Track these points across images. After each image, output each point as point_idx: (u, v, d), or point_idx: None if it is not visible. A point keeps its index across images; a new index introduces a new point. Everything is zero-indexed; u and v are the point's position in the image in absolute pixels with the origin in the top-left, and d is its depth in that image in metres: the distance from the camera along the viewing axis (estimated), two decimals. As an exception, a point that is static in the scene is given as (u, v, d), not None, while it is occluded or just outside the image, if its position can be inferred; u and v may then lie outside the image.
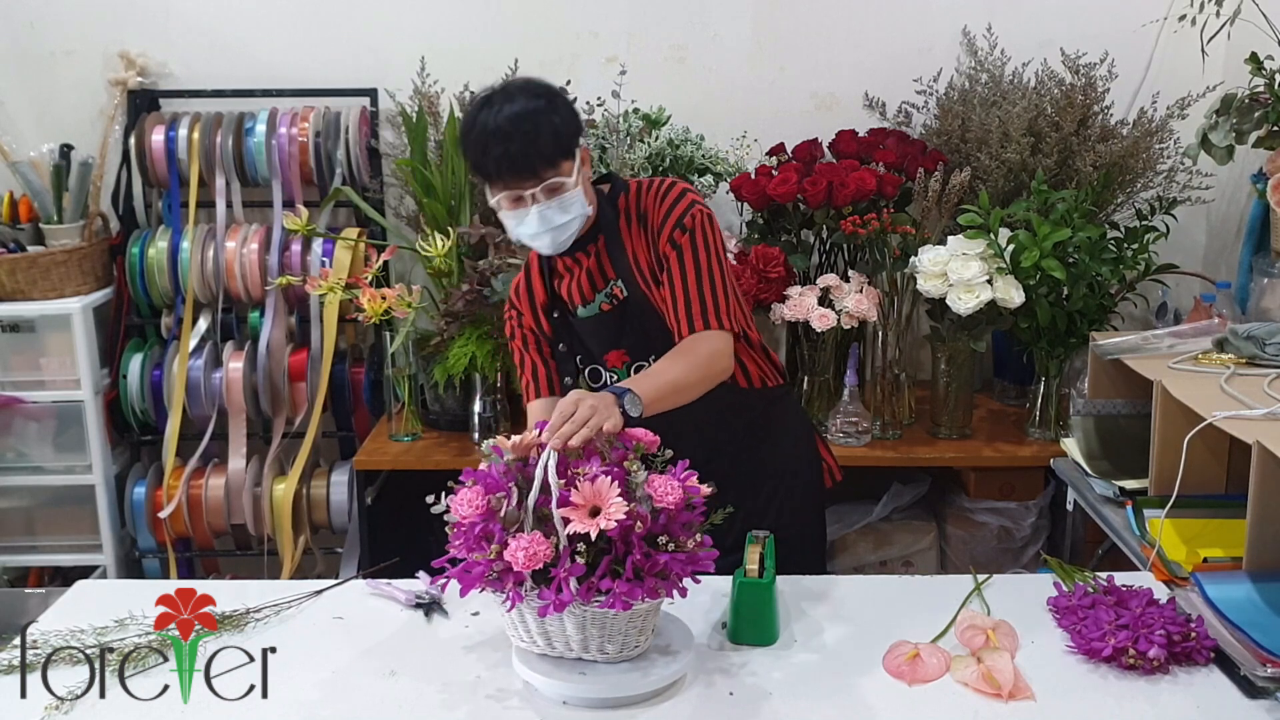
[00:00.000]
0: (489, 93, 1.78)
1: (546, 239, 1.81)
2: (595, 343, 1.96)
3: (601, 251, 1.90)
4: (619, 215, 1.89)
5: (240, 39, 3.06)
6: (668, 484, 1.45)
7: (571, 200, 1.79)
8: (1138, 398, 2.15)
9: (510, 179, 1.75)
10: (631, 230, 1.89)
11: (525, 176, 1.74)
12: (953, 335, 2.66)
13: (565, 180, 1.76)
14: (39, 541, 3.06)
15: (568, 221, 1.80)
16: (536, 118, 1.73)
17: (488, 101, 1.75)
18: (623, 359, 1.95)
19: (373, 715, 1.49)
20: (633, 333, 1.92)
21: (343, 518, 3.04)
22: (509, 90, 1.76)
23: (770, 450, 2.06)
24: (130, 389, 3.02)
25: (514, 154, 1.72)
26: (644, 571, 1.40)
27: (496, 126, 1.72)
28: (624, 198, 1.90)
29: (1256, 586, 1.65)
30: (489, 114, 1.73)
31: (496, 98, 1.75)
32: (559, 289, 1.96)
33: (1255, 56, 2.40)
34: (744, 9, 3.03)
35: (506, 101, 1.73)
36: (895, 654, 1.59)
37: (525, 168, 1.74)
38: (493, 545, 1.41)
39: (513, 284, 2.03)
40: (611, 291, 1.91)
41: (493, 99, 1.75)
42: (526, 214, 1.78)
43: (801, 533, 2.05)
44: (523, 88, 1.77)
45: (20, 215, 2.97)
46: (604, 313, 1.92)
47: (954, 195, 2.71)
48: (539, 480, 1.42)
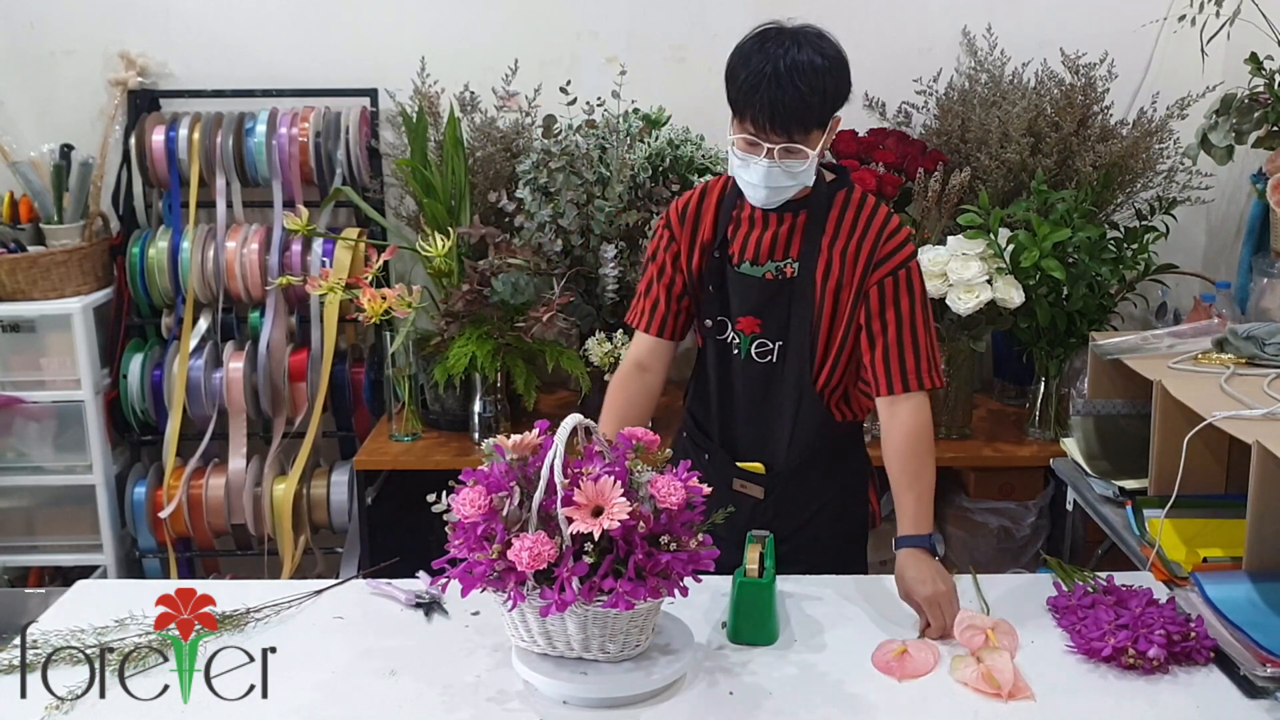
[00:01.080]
0: (777, 28, 1.72)
1: (763, 193, 1.77)
2: (739, 300, 1.90)
3: (799, 228, 1.84)
4: (832, 207, 1.84)
5: (240, 39, 3.06)
6: (670, 484, 1.45)
7: (803, 168, 1.74)
8: (1138, 398, 2.15)
9: (761, 127, 1.70)
10: (839, 232, 1.83)
11: (776, 130, 1.69)
12: (953, 335, 2.66)
13: (807, 149, 1.72)
14: (39, 541, 3.06)
15: (790, 186, 1.77)
16: (816, 79, 1.67)
17: (775, 36, 1.70)
18: (754, 328, 1.89)
19: (373, 715, 1.49)
20: (778, 312, 1.87)
21: (343, 518, 3.04)
22: (798, 36, 1.70)
23: (827, 481, 2.00)
24: (130, 389, 3.02)
25: (779, 107, 1.67)
26: (646, 571, 1.41)
27: (775, 71, 1.66)
28: (844, 195, 1.84)
29: (1256, 586, 1.65)
30: (772, 54, 1.67)
31: (785, 37, 1.69)
32: (732, 234, 1.89)
33: (1255, 56, 2.40)
34: (744, 9, 3.01)
35: (795, 47, 1.68)
36: (884, 650, 1.59)
37: (781, 124, 1.69)
38: (495, 545, 1.41)
39: (680, 202, 1.94)
40: (783, 268, 1.86)
41: (781, 37, 1.69)
42: (756, 162, 1.73)
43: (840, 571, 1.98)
44: (814, 41, 1.71)
45: (20, 215, 2.97)
46: (765, 280, 1.87)
47: (954, 195, 2.71)
48: (545, 479, 1.42)
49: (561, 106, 2.78)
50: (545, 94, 2.86)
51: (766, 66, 1.66)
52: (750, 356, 1.91)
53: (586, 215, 2.73)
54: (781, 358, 1.89)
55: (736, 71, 1.71)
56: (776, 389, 1.91)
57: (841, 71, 1.72)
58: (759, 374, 1.90)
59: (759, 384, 1.92)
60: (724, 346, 1.92)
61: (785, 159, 1.72)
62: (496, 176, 2.89)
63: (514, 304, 2.63)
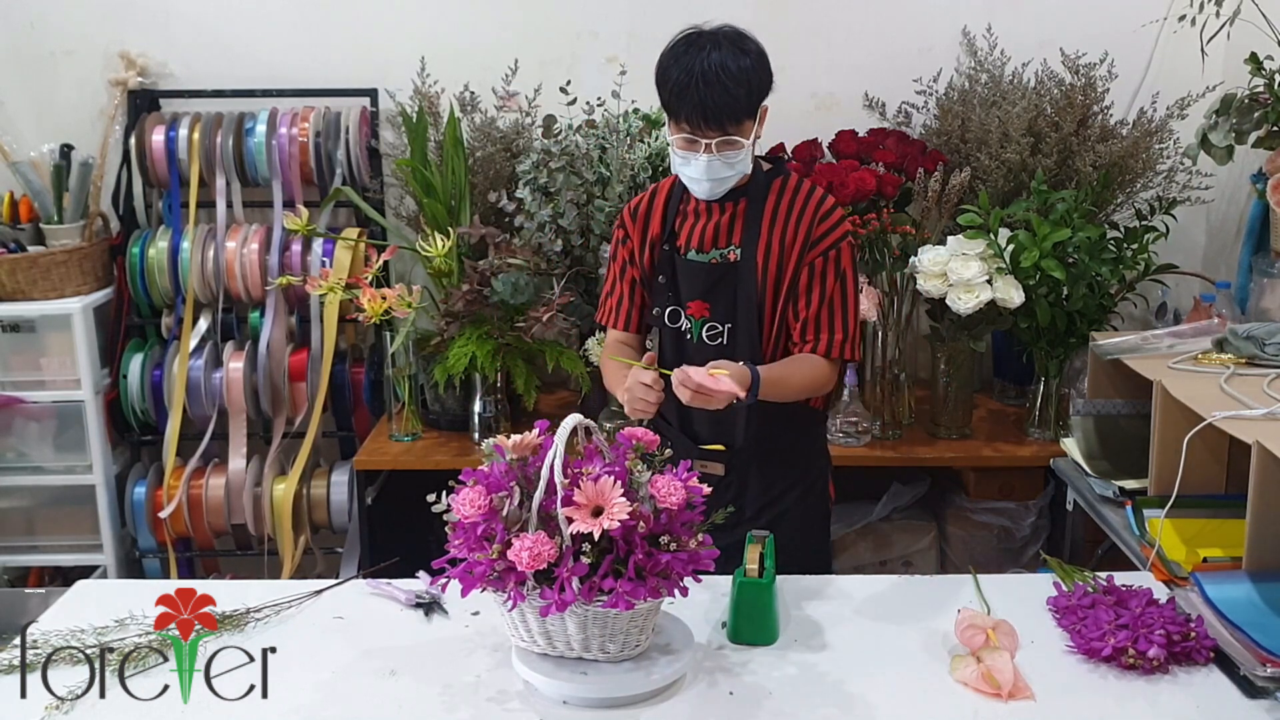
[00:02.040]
0: (696, 33, 1.84)
1: (706, 186, 1.89)
2: (688, 286, 2.02)
3: (739, 215, 1.96)
4: (770, 194, 1.96)
5: (240, 39, 3.06)
6: (670, 484, 1.45)
7: (740, 158, 1.87)
8: (1138, 398, 2.16)
9: (696, 125, 1.82)
10: (777, 215, 1.95)
11: (710, 127, 1.82)
12: (953, 335, 2.66)
13: (743, 139, 1.84)
14: (39, 541, 3.06)
15: (730, 176, 1.89)
16: (740, 75, 1.79)
17: (696, 40, 1.82)
18: (703, 311, 2.00)
19: (373, 715, 1.49)
20: (725, 294, 1.98)
21: (343, 518, 3.04)
22: (718, 37, 1.82)
23: (788, 467, 2.08)
24: (130, 389, 3.02)
25: (708, 104, 1.79)
26: (646, 571, 1.41)
27: (701, 72, 1.78)
28: (781, 182, 1.97)
29: (1256, 586, 1.65)
30: (695, 57, 1.79)
31: (705, 41, 1.81)
32: (679, 227, 2.02)
33: (1255, 56, 2.40)
34: (744, 9, 3.02)
35: (714, 48, 1.80)
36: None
37: (713, 120, 1.81)
38: (495, 545, 1.40)
39: (633, 203, 2.08)
40: (727, 254, 1.98)
41: (701, 41, 1.81)
42: (696, 159, 1.85)
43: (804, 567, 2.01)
44: (732, 39, 1.83)
45: (20, 215, 2.97)
46: (710, 265, 1.99)
47: (954, 195, 2.71)
48: (545, 480, 1.42)
49: (561, 106, 2.78)
50: (545, 94, 2.87)
51: (694, 68, 1.79)
52: (702, 339, 2.01)
53: (586, 215, 2.73)
54: (731, 339, 1.99)
55: (666, 77, 1.83)
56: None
57: (762, 64, 1.85)
58: (711, 356, 1.94)
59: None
60: (678, 334, 2.04)
61: (723, 151, 1.84)
62: (496, 176, 2.89)
63: (514, 304, 2.63)
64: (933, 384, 2.77)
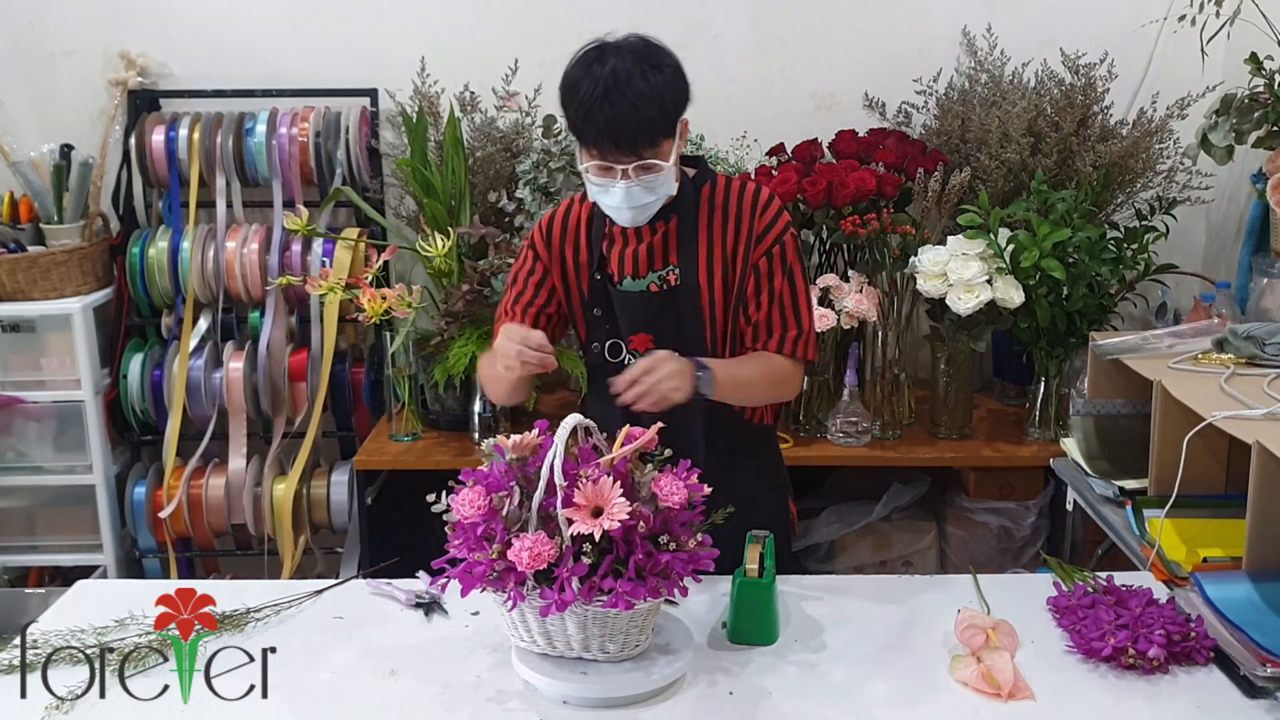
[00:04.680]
0: (600, 46, 1.67)
1: (628, 214, 1.75)
2: (627, 320, 1.87)
3: (671, 233, 1.81)
4: (700, 205, 1.81)
5: (240, 39, 3.06)
6: (673, 484, 1.46)
7: (662, 180, 1.71)
8: (1137, 398, 2.15)
9: (607, 151, 1.66)
10: (712, 225, 1.81)
11: (624, 151, 1.66)
12: (953, 335, 2.66)
13: (661, 162, 1.68)
14: (39, 541, 3.06)
15: (653, 201, 1.74)
16: (648, 91, 1.63)
17: (599, 57, 1.65)
18: (648, 344, 1.85)
19: (373, 715, 1.49)
20: (670, 322, 1.84)
21: (343, 518, 3.04)
22: (623, 50, 1.65)
23: (749, 486, 1.91)
24: (130, 389, 3.02)
25: (617, 127, 1.63)
26: (646, 571, 1.41)
27: (605, 92, 1.61)
28: (709, 188, 1.82)
29: (1256, 586, 1.65)
30: (598, 73, 1.62)
31: (609, 55, 1.65)
32: (607, 251, 1.85)
33: (1255, 56, 2.40)
34: (744, 9, 3.03)
35: (619, 61, 1.63)
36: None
37: (626, 143, 1.65)
38: (495, 545, 1.41)
39: (541, 222, 1.89)
40: (666, 276, 1.83)
41: (605, 55, 1.65)
42: (614, 185, 1.70)
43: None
44: (639, 51, 1.66)
45: (20, 215, 2.97)
46: (649, 293, 1.84)
47: (954, 195, 2.71)
48: (545, 480, 1.42)
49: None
50: (545, 94, 2.87)
51: (596, 89, 1.62)
52: None
53: (586, 215, 2.73)
54: None
55: (568, 100, 1.67)
56: (683, 405, 1.77)
57: (677, 77, 1.69)
58: None
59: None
60: (620, 370, 1.76)
61: (641, 176, 1.68)
62: (496, 176, 2.89)
63: (514, 304, 2.63)
64: (933, 384, 2.77)
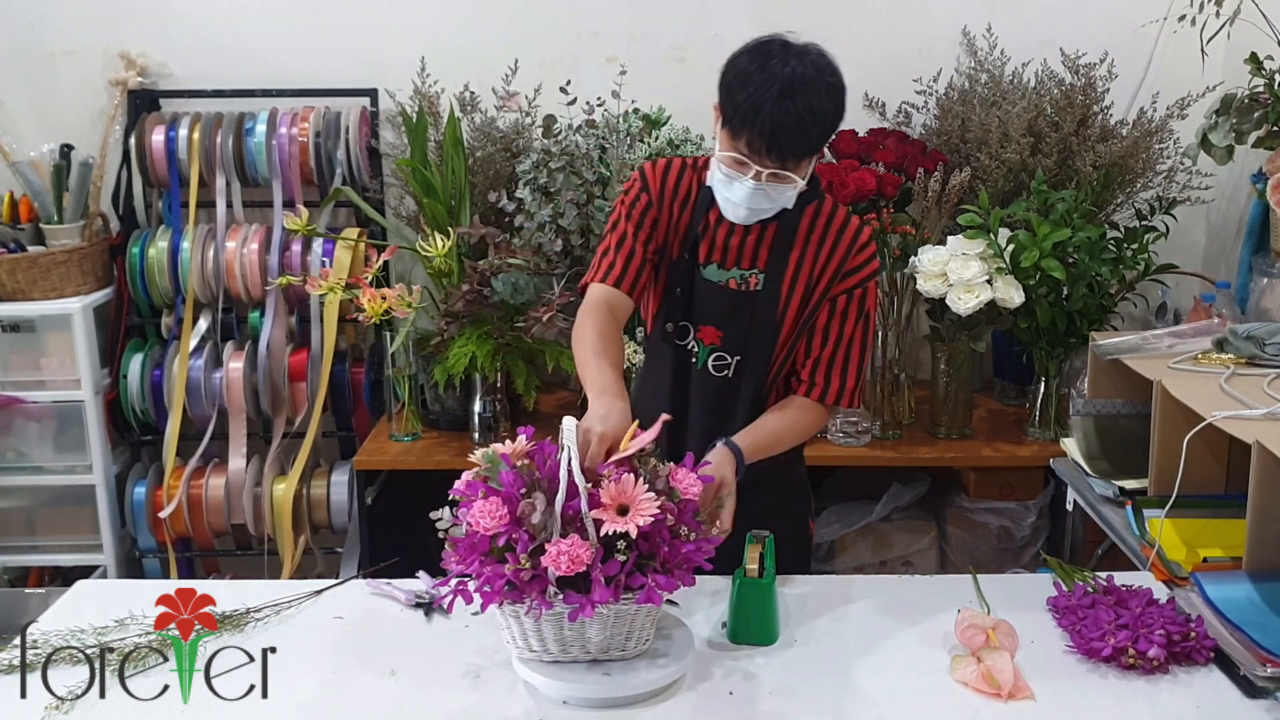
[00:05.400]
0: (781, 44, 1.63)
1: (743, 212, 1.73)
2: (703, 309, 1.84)
3: (767, 238, 1.79)
4: (803, 219, 1.79)
5: (240, 39, 3.06)
6: (688, 476, 1.48)
7: (788, 192, 1.70)
8: (1137, 398, 2.15)
9: (757, 150, 1.63)
10: (808, 243, 1.79)
11: (772, 157, 1.63)
12: (953, 335, 2.66)
13: (796, 178, 1.67)
14: (39, 541, 3.06)
15: (770, 209, 1.73)
16: (818, 106, 1.60)
17: (781, 55, 1.61)
18: (714, 339, 1.84)
19: (373, 715, 1.49)
20: (741, 323, 1.82)
21: (343, 518, 3.04)
22: (804, 60, 1.61)
23: (771, 500, 1.89)
24: (130, 389, 3.02)
25: (780, 134, 1.60)
26: (671, 564, 1.42)
27: (779, 94, 1.58)
28: (815, 207, 1.80)
29: (1256, 586, 1.65)
30: (777, 74, 1.58)
31: (792, 59, 1.60)
32: (701, 231, 1.81)
33: (1255, 56, 2.40)
34: (744, 9, 3.03)
35: (800, 66, 1.59)
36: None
37: (778, 152, 1.63)
38: (523, 555, 1.38)
39: (657, 166, 1.84)
40: (748, 278, 1.81)
41: (787, 58, 1.60)
42: (741, 182, 1.67)
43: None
44: (818, 64, 1.62)
45: (20, 215, 2.97)
46: (729, 288, 1.82)
47: (954, 195, 2.71)
48: (565, 484, 1.41)
49: (561, 106, 2.78)
50: (545, 94, 2.87)
51: (771, 89, 1.59)
52: (707, 368, 1.86)
53: (586, 215, 2.73)
54: (738, 373, 1.85)
55: (735, 90, 1.63)
56: (730, 404, 1.86)
57: (841, 99, 1.67)
58: (713, 387, 1.85)
59: (712, 397, 1.86)
60: (683, 353, 1.87)
61: (772, 182, 1.67)
62: (496, 176, 2.89)
63: (514, 304, 2.63)
64: (933, 384, 2.77)
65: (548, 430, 1.57)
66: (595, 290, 1.83)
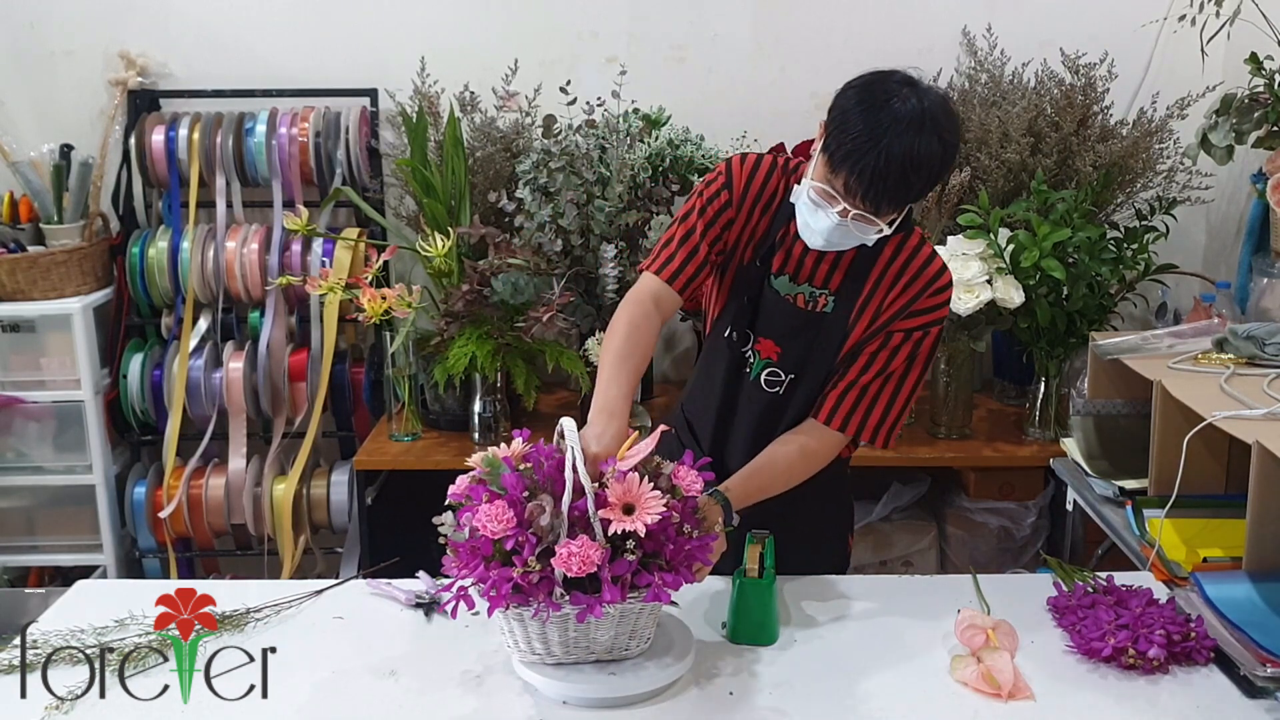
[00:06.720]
0: (911, 87, 1.54)
1: (820, 241, 1.66)
2: (767, 321, 1.78)
3: (844, 262, 1.73)
4: (883, 249, 1.72)
5: (240, 39, 3.06)
6: (689, 473, 1.48)
7: (872, 234, 1.62)
8: (1137, 398, 2.15)
9: (853, 192, 1.56)
10: (885, 274, 1.72)
11: (864, 202, 1.57)
12: (953, 335, 2.66)
13: (883, 224, 1.60)
14: (39, 541, 3.06)
15: (849, 245, 1.67)
16: (928, 163, 1.54)
17: (904, 102, 1.53)
18: (771, 354, 1.79)
19: (373, 715, 1.49)
20: (803, 342, 1.77)
21: (343, 518, 3.04)
22: (927, 114, 1.53)
23: (810, 518, 1.88)
24: (130, 389, 3.02)
25: (883, 184, 1.54)
26: (676, 562, 1.43)
27: (891, 145, 1.51)
28: (902, 238, 1.72)
29: (1256, 586, 1.65)
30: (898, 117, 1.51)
31: (914, 107, 1.52)
32: (778, 240, 1.75)
33: (1255, 56, 2.40)
34: (744, 9, 3.03)
35: (920, 124, 1.52)
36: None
37: (874, 200, 1.56)
38: (531, 558, 1.38)
39: (746, 164, 1.75)
40: (817, 297, 1.75)
41: (909, 104, 1.52)
42: (828, 215, 1.60)
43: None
44: (940, 120, 1.54)
45: (20, 215, 2.97)
46: (795, 304, 1.76)
47: (954, 195, 2.71)
48: (570, 485, 1.41)
49: (561, 106, 2.78)
50: (545, 94, 2.86)
51: (884, 139, 1.51)
52: (759, 381, 1.81)
53: (586, 215, 2.73)
54: (790, 391, 1.79)
55: (849, 124, 1.54)
56: (775, 420, 1.81)
57: (953, 155, 1.60)
58: (763, 401, 1.81)
59: (761, 410, 1.82)
60: (739, 360, 1.82)
61: (858, 221, 1.60)
62: (496, 176, 2.89)
63: (514, 304, 2.63)
64: (933, 384, 2.77)
65: (547, 430, 1.57)
66: (647, 281, 1.77)
